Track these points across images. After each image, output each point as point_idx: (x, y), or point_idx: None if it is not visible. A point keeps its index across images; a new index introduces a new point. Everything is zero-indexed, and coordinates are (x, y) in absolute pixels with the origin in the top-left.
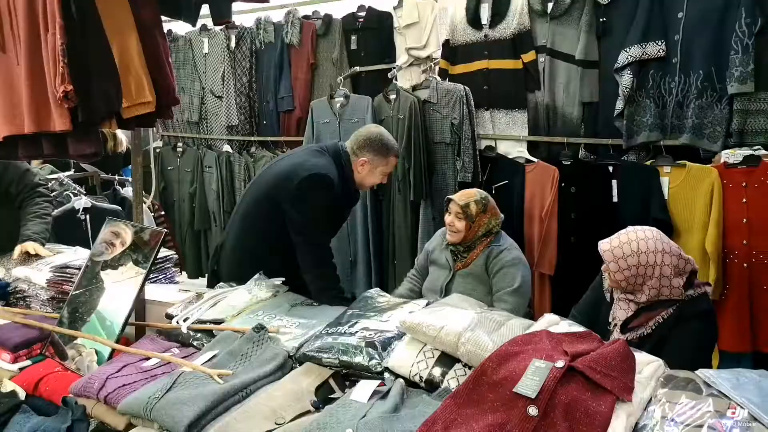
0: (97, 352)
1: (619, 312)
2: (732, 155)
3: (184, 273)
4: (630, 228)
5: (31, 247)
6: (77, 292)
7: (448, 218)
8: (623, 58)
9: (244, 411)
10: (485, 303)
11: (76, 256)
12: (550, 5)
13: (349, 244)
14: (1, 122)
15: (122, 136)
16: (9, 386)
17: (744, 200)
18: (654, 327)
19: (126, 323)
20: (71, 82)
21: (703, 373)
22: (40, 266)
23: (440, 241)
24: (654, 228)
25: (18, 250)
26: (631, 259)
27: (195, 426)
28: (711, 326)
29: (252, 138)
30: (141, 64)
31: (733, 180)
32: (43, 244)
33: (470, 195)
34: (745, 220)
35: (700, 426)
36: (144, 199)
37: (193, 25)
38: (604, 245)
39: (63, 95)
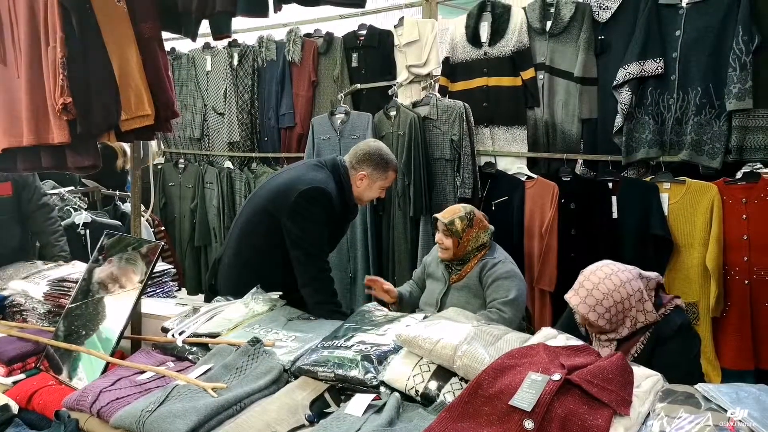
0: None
1: (603, 351)
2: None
3: (183, 289)
4: (587, 271)
5: None
6: (73, 305)
7: (437, 236)
8: (622, 75)
9: (238, 425)
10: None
11: (74, 269)
12: (549, 23)
13: (348, 260)
14: (0, 134)
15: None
16: (2, 400)
17: (744, 216)
18: (635, 355)
19: (121, 336)
20: (70, 95)
21: (702, 387)
22: (37, 280)
23: (436, 255)
24: (606, 261)
25: None
26: (606, 301)
27: None
28: (691, 339)
29: (253, 154)
30: (140, 77)
31: (732, 196)
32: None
33: (455, 211)
34: (745, 237)
35: None
36: (142, 213)
37: (194, 40)
38: (573, 300)
39: (62, 107)
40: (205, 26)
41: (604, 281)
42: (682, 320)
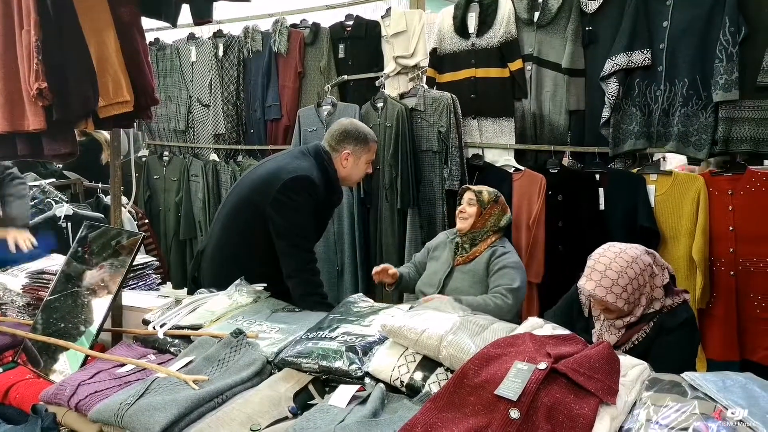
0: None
1: (610, 337)
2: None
3: (169, 283)
4: (595, 255)
5: (17, 236)
6: (52, 297)
7: (459, 207)
8: (609, 66)
9: (219, 417)
10: None
11: (53, 261)
12: (537, 14)
13: (336, 253)
14: None
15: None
16: None
17: (730, 208)
18: (636, 342)
19: (101, 329)
20: (46, 79)
21: (688, 376)
22: (15, 272)
23: (444, 239)
24: (609, 243)
25: (6, 235)
26: (621, 280)
27: None
28: (692, 335)
29: (239, 147)
30: (119, 62)
31: (719, 188)
32: (28, 226)
33: (485, 186)
34: (731, 228)
35: (686, 429)
36: (124, 204)
37: (174, 25)
38: (588, 285)
39: (37, 92)
40: (187, 15)
41: (615, 260)
42: (687, 315)
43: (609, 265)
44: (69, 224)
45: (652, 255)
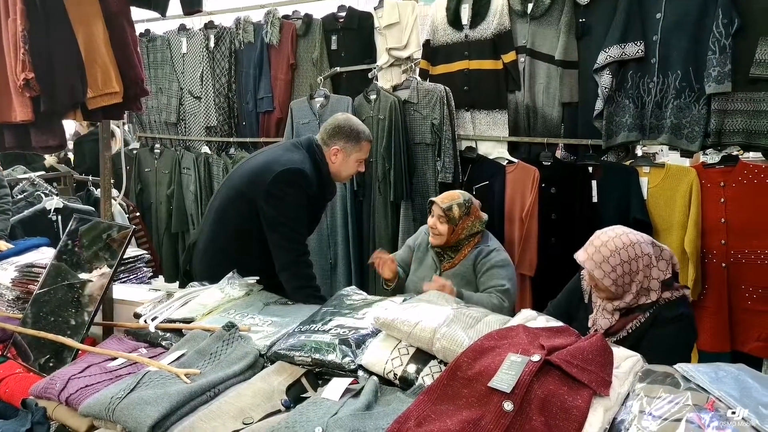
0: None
1: (603, 321)
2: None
3: (161, 277)
4: (598, 232)
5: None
6: (41, 291)
7: (431, 220)
8: (602, 58)
9: (211, 411)
10: None
11: (42, 255)
12: (530, 6)
13: (329, 246)
14: None
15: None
16: None
17: (722, 200)
18: (630, 330)
19: (91, 322)
20: (33, 70)
21: (681, 367)
22: (5, 265)
23: (425, 239)
24: (619, 225)
25: None
26: (612, 259)
27: (159, 427)
28: (686, 330)
29: (231, 139)
30: (108, 53)
31: (711, 180)
32: (6, 238)
33: (453, 197)
34: (723, 220)
35: (678, 420)
36: (114, 197)
37: (163, 15)
38: (581, 256)
39: (24, 83)
40: (177, 5)
41: (613, 239)
42: (684, 310)
43: (606, 242)
44: (59, 217)
45: (658, 248)
